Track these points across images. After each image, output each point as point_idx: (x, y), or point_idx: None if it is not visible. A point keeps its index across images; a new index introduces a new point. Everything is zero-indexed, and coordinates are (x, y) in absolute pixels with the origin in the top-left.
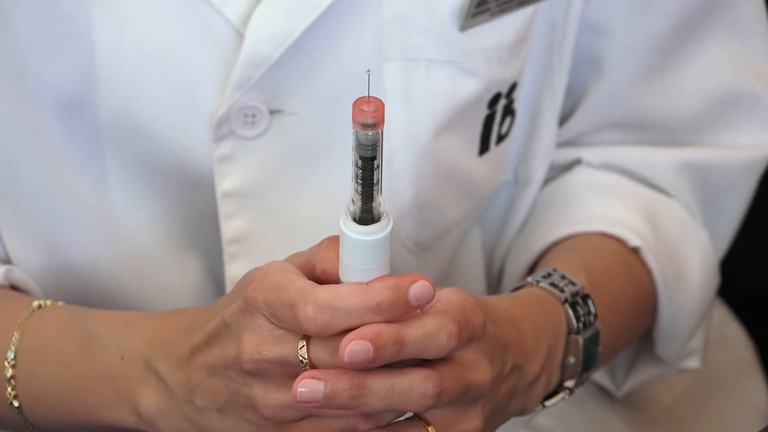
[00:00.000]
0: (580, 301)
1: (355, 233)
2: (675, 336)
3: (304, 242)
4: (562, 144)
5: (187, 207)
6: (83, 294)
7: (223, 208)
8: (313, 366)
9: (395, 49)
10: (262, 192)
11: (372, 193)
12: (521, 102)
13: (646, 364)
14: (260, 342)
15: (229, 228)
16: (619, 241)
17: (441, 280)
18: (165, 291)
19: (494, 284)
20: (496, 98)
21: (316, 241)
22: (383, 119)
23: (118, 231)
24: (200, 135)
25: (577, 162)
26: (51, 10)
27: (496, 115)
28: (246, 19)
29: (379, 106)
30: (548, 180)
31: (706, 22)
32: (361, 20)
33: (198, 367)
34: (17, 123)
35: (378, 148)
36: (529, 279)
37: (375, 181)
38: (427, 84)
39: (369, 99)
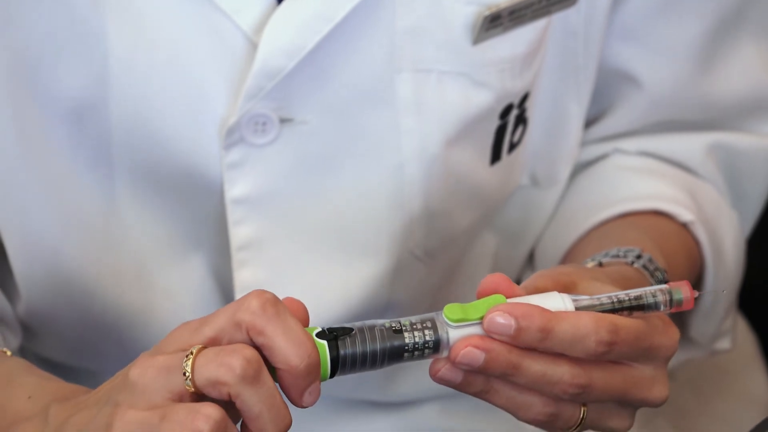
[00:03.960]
0: None
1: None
2: (714, 314)
3: (312, 250)
4: (596, 140)
5: (193, 211)
6: (86, 300)
7: (232, 214)
8: (194, 382)
9: (407, 60)
10: (272, 199)
11: None
12: (541, 107)
13: None
14: (157, 354)
15: (238, 234)
16: (670, 218)
17: (446, 285)
18: (167, 295)
19: None
20: (507, 109)
21: (325, 249)
22: None
23: (122, 235)
24: (210, 141)
25: (614, 150)
26: (65, 15)
27: (508, 125)
28: (258, 28)
29: None
30: (582, 168)
31: (738, 24)
32: (374, 32)
33: (83, 402)
34: (22, 129)
35: None
36: (620, 255)
37: None
38: (438, 95)
39: None
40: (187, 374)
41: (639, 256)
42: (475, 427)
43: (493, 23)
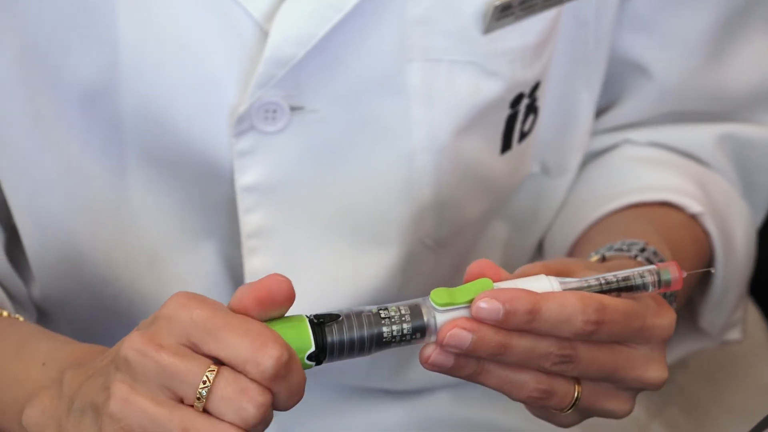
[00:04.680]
0: None
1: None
2: (723, 305)
3: (323, 238)
4: (606, 130)
5: (203, 198)
6: (98, 285)
7: (243, 202)
8: (205, 407)
9: (418, 50)
10: (282, 187)
11: None
12: (551, 96)
13: (685, 339)
14: (159, 346)
15: (249, 222)
16: (679, 209)
17: (456, 274)
18: (178, 281)
19: None
20: (518, 98)
21: (335, 237)
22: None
23: (133, 221)
24: (220, 128)
25: (623, 141)
26: (75, 2)
27: (519, 114)
28: (269, 16)
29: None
30: (591, 157)
31: (749, 14)
32: (384, 21)
33: (92, 368)
34: (34, 115)
35: None
36: (624, 249)
37: None
38: (449, 85)
39: None
40: (201, 399)
41: (643, 249)
42: (487, 415)
43: (504, 13)
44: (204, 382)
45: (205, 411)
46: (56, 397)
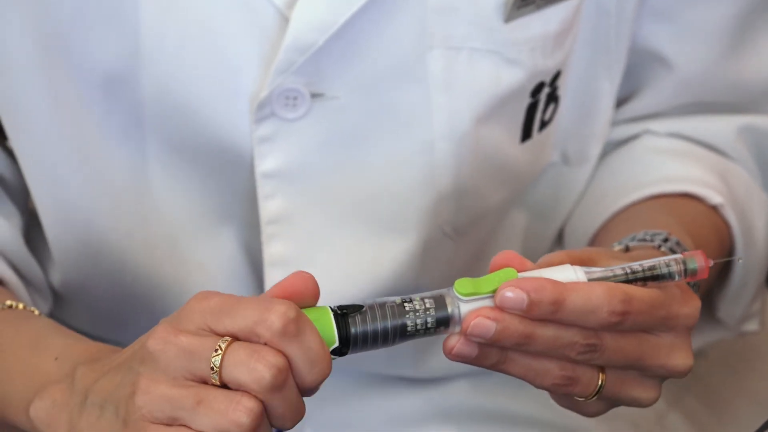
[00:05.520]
0: None
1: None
2: (742, 296)
3: (342, 225)
4: (627, 120)
5: (223, 184)
6: (118, 271)
7: (263, 188)
8: (221, 378)
9: (439, 37)
10: (302, 173)
11: None
12: (572, 85)
13: (703, 329)
14: (179, 331)
15: (268, 208)
16: (700, 200)
17: (476, 263)
18: (198, 268)
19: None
20: (539, 87)
21: (354, 224)
22: None
23: (153, 207)
24: (241, 115)
25: (644, 132)
26: None
27: (539, 103)
28: (290, 2)
29: None
30: (612, 148)
31: None
32: (405, 9)
33: (107, 365)
34: (54, 101)
35: None
36: (647, 239)
37: None
38: (469, 73)
39: None
40: (214, 369)
41: (666, 240)
42: (506, 403)
43: (525, 1)
44: (216, 350)
45: (223, 385)
46: (68, 391)
